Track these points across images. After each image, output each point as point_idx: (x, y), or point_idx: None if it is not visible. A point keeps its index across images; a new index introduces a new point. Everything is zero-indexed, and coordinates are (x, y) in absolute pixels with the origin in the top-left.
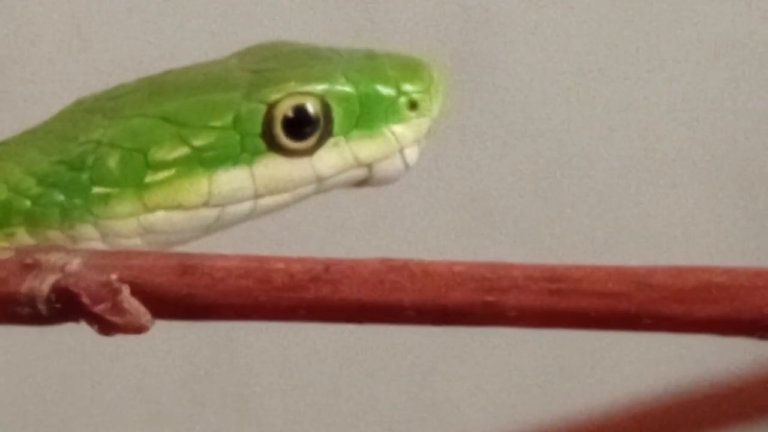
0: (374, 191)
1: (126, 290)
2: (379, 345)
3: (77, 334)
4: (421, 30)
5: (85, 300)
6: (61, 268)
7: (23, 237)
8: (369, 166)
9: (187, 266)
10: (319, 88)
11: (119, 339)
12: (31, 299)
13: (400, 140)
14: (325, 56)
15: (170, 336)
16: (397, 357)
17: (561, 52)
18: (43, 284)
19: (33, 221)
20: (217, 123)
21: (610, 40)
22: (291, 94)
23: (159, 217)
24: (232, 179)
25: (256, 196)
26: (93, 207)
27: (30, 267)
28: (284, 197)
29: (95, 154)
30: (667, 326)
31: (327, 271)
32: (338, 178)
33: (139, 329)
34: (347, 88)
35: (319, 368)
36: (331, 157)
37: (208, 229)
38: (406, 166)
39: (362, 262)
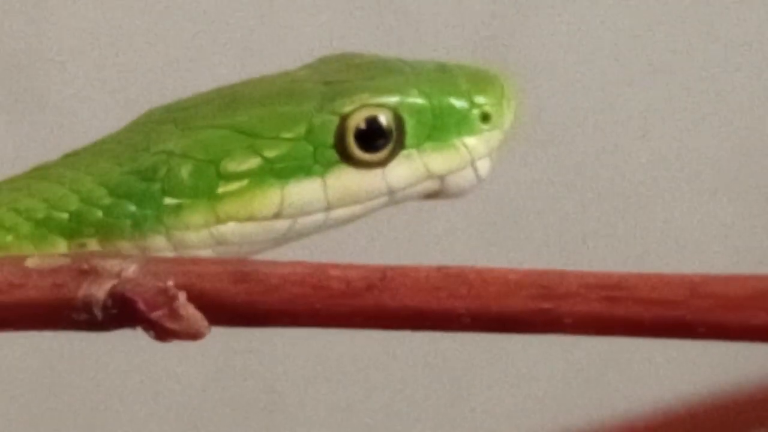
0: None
1: (182, 297)
2: (406, 352)
3: (101, 339)
4: (445, 35)
5: (142, 306)
6: (118, 274)
7: (94, 248)
8: (441, 178)
9: (244, 273)
10: (392, 100)
11: (143, 345)
12: (87, 305)
13: (472, 152)
14: (397, 68)
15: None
16: (424, 364)
17: (586, 62)
18: (100, 290)
19: (105, 232)
20: (290, 134)
21: (633, 51)
22: (364, 106)
23: (231, 228)
24: (304, 191)
25: (328, 207)
26: (165, 218)
27: (87, 273)
28: (356, 209)
29: (167, 164)
30: (721, 334)
31: (383, 278)
32: (410, 191)
33: (195, 336)
34: (420, 100)
35: (346, 374)
36: (404, 169)
37: (279, 241)
38: (479, 178)
39: (418, 269)
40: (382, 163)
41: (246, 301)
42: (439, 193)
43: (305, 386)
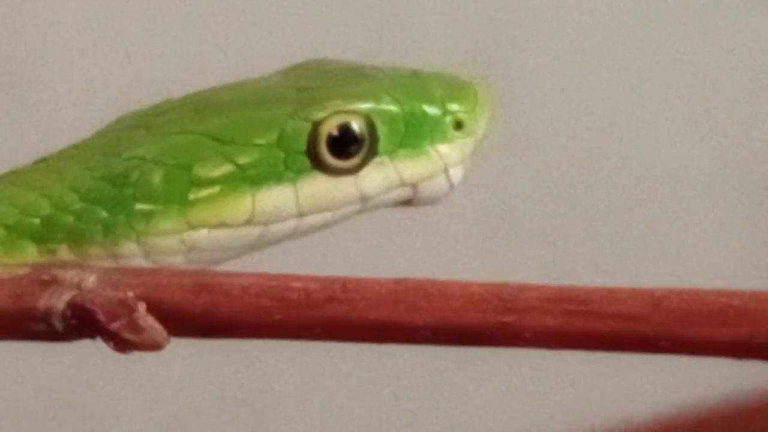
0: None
1: (142, 307)
2: (398, 362)
3: (96, 352)
4: (441, 43)
5: (101, 317)
6: (78, 285)
7: (65, 254)
8: (414, 185)
9: (204, 284)
10: (365, 106)
11: (138, 357)
12: (47, 316)
13: (445, 160)
14: (370, 74)
15: (189, 354)
16: (416, 376)
17: (582, 68)
18: (59, 301)
19: (76, 238)
20: (262, 140)
21: (631, 57)
22: (336, 113)
23: (202, 234)
24: (276, 197)
25: (300, 214)
26: (136, 224)
27: (47, 283)
28: (328, 216)
29: (139, 170)
30: (684, 349)
31: (343, 290)
32: (382, 198)
33: (154, 347)
34: (393, 107)
35: (338, 388)
36: (376, 177)
37: (252, 247)
38: (451, 186)
39: (378, 282)
40: (355, 170)
41: (206, 312)
42: (411, 200)
43: (300, 390)
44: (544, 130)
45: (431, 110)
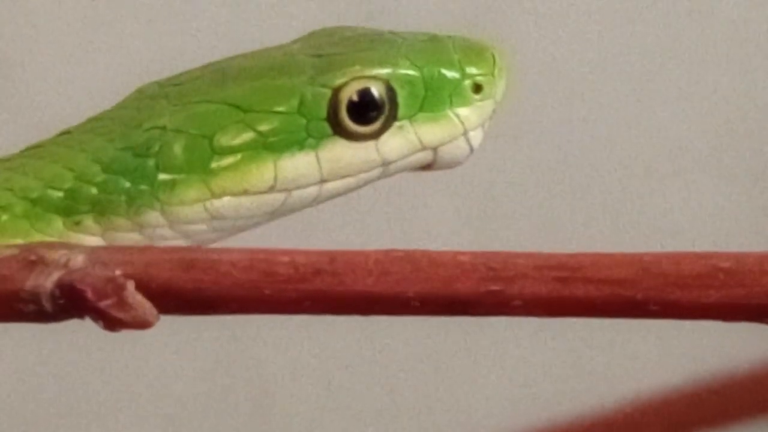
0: (384, 185)
1: (131, 286)
2: (393, 343)
3: (91, 335)
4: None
5: (90, 296)
6: (65, 265)
7: (90, 225)
8: (434, 149)
9: (192, 260)
10: (384, 71)
11: (134, 342)
12: (35, 296)
13: (464, 123)
14: (389, 40)
15: (185, 336)
16: (411, 354)
17: (569, 43)
18: (48, 281)
19: (100, 209)
20: (282, 108)
21: (619, 31)
22: (356, 78)
23: (225, 202)
24: (297, 164)
25: (322, 180)
26: (159, 193)
27: (34, 264)
28: (349, 181)
29: (161, 140)
30: (674, 313)
31: (331, 263)
32: (403, 162)
33: (144, 324)
34: (412, 72)
35: (333, 367)
36: (397, 141)
37: (274, 215)
38: (471, 149)
39: (366, 254)
40: (375, 135)
41: (195, 288)
42: (432, 164)
43: (292, 379)
44: (535, 107)
45: (450, 74)
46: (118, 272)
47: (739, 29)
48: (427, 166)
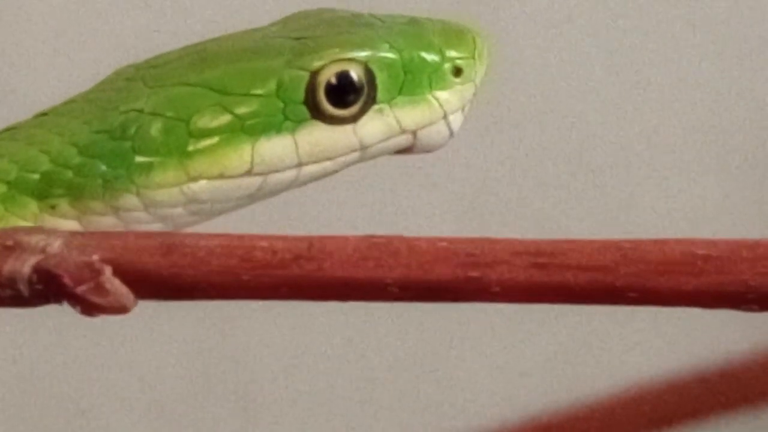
0: (373, 176)
1: (108, 271)
2: (382, 334)
3: (77, 327)
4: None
5: (67, 281)
6: (43, 250)
7: (66, 209)
8: (413, 133)
9: (170, 245)
10: (363, 54)
11: (121, 333)
12: (12, 281)
13: (444, 106)
14: (368, 22)
15: (170, 328)
16: (398, 345)
17: (563, 35)
18: (25, 266)
19: (76, 192)
20: (260, 90)
21: (614, 24)
22: (334, 61)
23: (202, 185)
24: (275, 147)
25: (300, 164)
26: (135, 176)
27: (11, 249)
28: (327, 165)
29: (137, 123)
30: (652, 299)
31: (310, 248)
32: (382, 146)
33: (121, 310)
34: (391, 54)
35: (321, 358)
36: (375, 124)
37: (252, 198)
38: (451, 132)
39: (345, 239)
40: (354, 119)
41: (172, 273)
42: (411, 148)
43: (279, 372)
44: (527, 98)
45: (430, 57)
46: (95, 257)
47: (733, 25)
48: (406, 150)
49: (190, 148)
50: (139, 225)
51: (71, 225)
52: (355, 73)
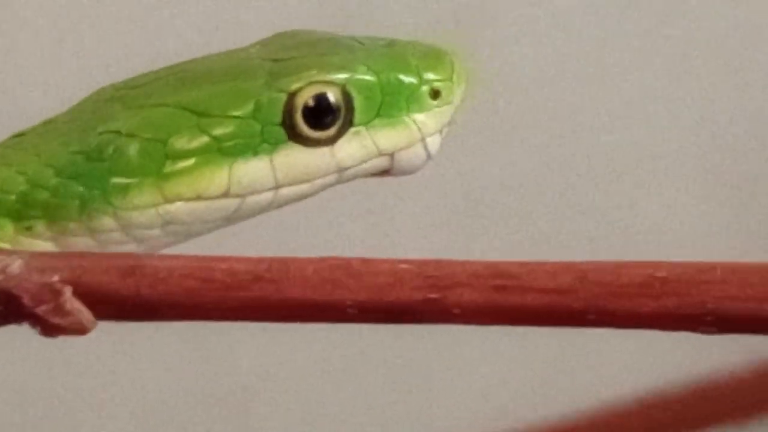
0: (364, 188)
1: (68, 291)
2: (368, 349)
3: (67, 342)
4: (411, 23)
5: (27, 302)
6: (2, 270)
7: (42, 230)
8: (391, 155)
9: (130, 267)
10: (341, 76)
11: (113, 348)
12: None
13: (422, 129)
14: (346, 45)
15: (162, 343)
16: (388, 360)
17: (554, 50)
18: None
19: (52, 214)
20: (237, 112)
21: (603, 39)
22: (312, 83)
23: (178, 207)
24: (252, 169)
25: (277, 186)
26: (112, 198)
27: None
28: (305, 187)
29: (114, 144)
30: (612, 322)
31: (269, 270)
32: (359, 168)
33: (81, 330)
34: (368, 77)
35: (311, 373)
36: (353, 147)
37: (229, 220)
38: (429, 155)
39: (305, 261)
40: (331, 141)
41: (132, 294)
42: (389, 170)
43: (269, 386)
44: (516, 111)
45: (407, 79)
46: (55, 278)
47: (720, 38)
48: (384, 172)
49: (167, 169)
50: (115, 246)
51: (47, 246)
52: (333, 96)
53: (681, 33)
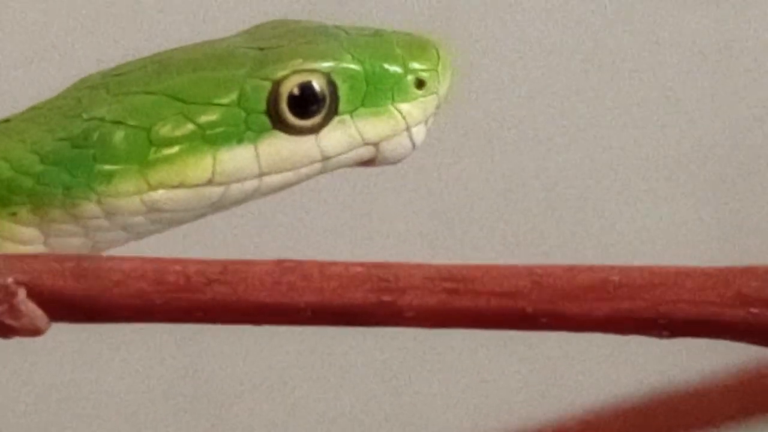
0: (343, 194)
1: (22, 293)
2: (353, 351)
3: (52, 343)
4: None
5: None
6: None
7: (27, 216)
8: (376, 145)
9: (84, 269)
10: (325, 65)
11: (97, 350)
12: None
13: (407, 119)
14: (332, 33)
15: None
16: (373, 362)
17: (534, 57)
18: None
19: (36, 200)
20: (222, 100)
21: (584, 44)
22: (297, 71)
23: (162, 194)
24: (236, 157)
25: (261, 174)
26: (96, 185)
27: None
28: (289, 176)
29: (99, 131)
30: (564, 325)
31: (223, 272)
32: (344, 157)
33: (35, 332)
34: (353, 66)
35: (294, 376)
36: (337, 136)
37: (213, 208)
38: (414, 145)
39: (258, 263)
40: (316, 130)
41: (87, 296)
42: (373, 160)
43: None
44: (497, 114)
45: (393, 69)
46: (9, 280)
47: (704, 44)
48: (369, 162)
49: (151, 156)
50: (101, 233)
51: (32, 233)
52: (318, 84)
53: (662, 41)
